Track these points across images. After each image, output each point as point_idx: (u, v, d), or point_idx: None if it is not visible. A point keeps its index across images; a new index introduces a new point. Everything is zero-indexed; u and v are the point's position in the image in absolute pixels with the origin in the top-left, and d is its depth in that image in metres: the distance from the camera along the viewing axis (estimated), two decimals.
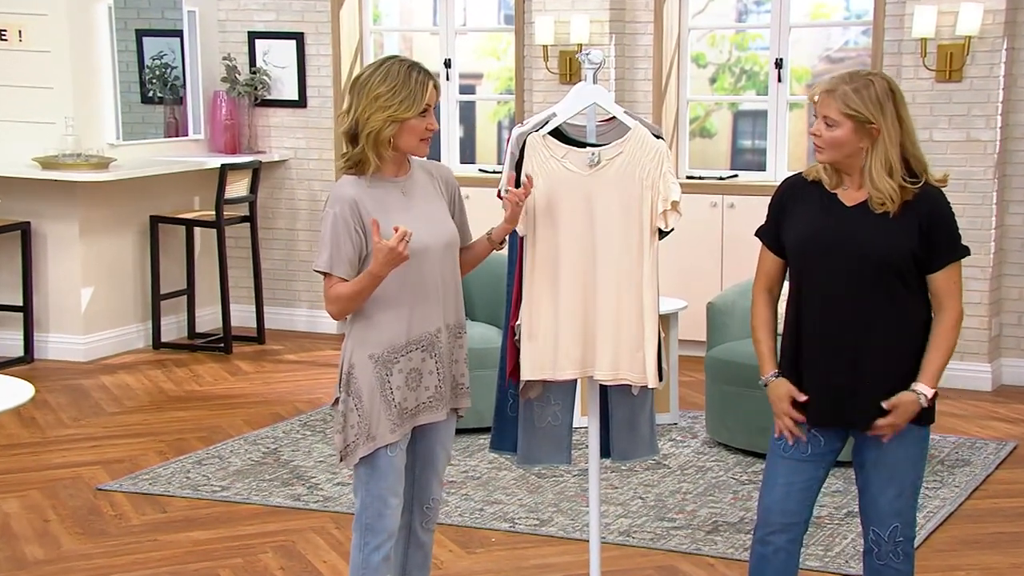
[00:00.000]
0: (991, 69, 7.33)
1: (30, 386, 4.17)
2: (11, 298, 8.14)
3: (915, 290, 3.61)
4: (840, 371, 3.61)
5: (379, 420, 3.67)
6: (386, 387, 3.67)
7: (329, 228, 3.62)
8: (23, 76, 8.09)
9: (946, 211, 3.60)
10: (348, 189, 3.64)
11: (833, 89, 3.52)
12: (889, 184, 3.53)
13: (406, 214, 3.66)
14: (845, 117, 3.51)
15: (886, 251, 3.55)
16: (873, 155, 3.53)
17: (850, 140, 3.53)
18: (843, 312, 3.59)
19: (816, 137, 3.57)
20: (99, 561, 5.05)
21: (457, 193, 3.87)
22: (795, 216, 3.68)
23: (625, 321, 3.97)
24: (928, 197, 3.57)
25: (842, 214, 3.60)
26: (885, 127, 3.51)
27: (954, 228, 3.61)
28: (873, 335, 3.58)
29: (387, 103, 3.58)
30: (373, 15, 9.22)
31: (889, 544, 3.68)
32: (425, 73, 3.64)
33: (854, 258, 3.57)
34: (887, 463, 3.65)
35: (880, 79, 3.55)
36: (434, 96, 3.65)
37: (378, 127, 3.59)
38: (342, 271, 3.62)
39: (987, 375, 7.54)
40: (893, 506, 3.67)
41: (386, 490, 3.72)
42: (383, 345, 3.67)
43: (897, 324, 3.59)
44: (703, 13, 8.71)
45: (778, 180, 8.06)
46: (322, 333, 9.03)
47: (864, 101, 3.50)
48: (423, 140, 3.66)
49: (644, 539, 5.21)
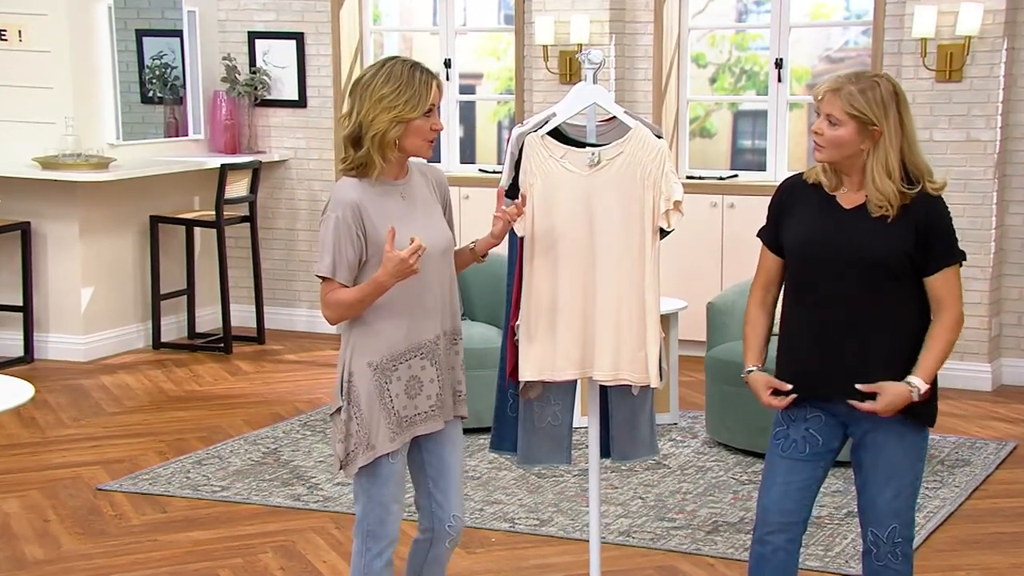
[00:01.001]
0: (991, 69, 7.33)
1: (30, 386, 4.17)
2: (11, 298, 8.14)
3: (911, 295, 3.61)
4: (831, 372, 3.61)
5: (378, 429, 3.63)
6: (385, 395, 3.63)
7: (331, 232, 3.56)
8: (23, 76, 8.09)
9: (943, 215, 3.60)
10: (350, 192, 3.58)
11: (839, 88, 3.52)
12: (890, 187, 3.53)
13: (407, 219, 3.61)
14: (849, 117, 3.51)
15: (882, 254, 3.55)
16: (874, 157, 3.53)
17: (852, 140, 3.53)
18: (838, 314, 3.60)
19: (817, 135, 3.56)
20: (99, 561, 5.05)
21: (448, 196, 3.82)
22: (794, 217, 3.68)
23: (626, 321, 3.97)
24: (925, 201, 3.57)
25: (840, 216, 3.60)
26: (887, 130, 3.51)
27: (951, 233, 3.61)
28: (866, 338, 3.58)
29: (392, 104, 3.52)
30: (373, 15, 9.22)
31: (888, 545, 3.68)
32: (428, 73, 3.59)
33: (850, 261, 3.57)
34: (885, 463, 3.65)
35: (886, 81, 3.55)
36: (438, 96, 3.60)
37: (383, 128, 3.53)
38: (343, 277, 3.57)
39: (987, 375, 7.54)
40: (891, 506, 3.66)
41: (388, 496, 3.69)
42: (381, 352, 3.62)
43: (891, 328, 3.59)
44: (703, 13, 8.71)
45: (778, 180, 8.06)
46: (322, 333, 9.02)
47: (869, 102, 3.50)
48: (428, 141, 3.61)
49: (644, 539, 5.21)
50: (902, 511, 3.67)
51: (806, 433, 3.69)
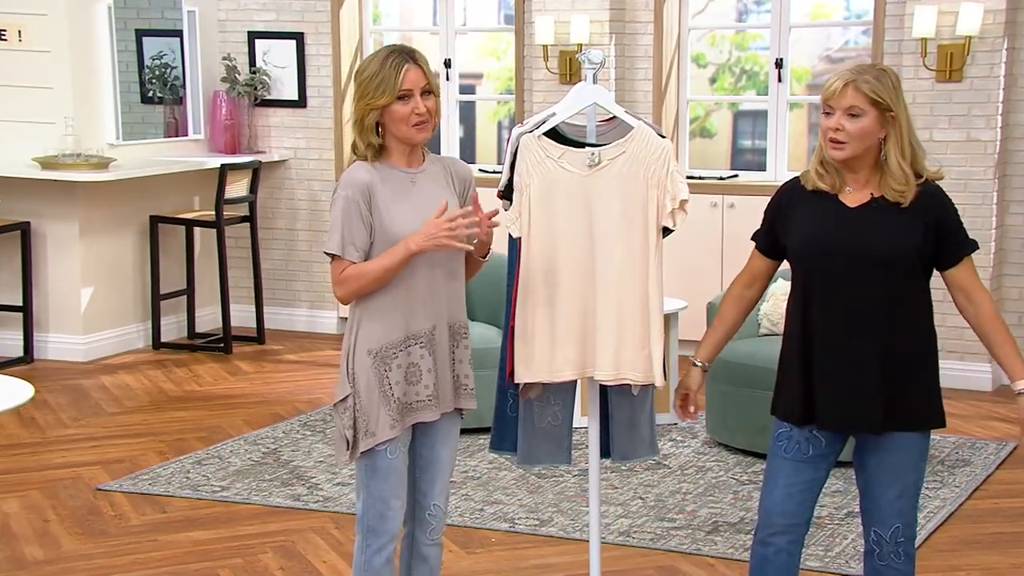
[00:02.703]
0: (991, 69, 7.33)
1: (30, 386, 4.17)
2: (11, 298, 8.14)
3: (920, 292, 3.61)
4: (847, 374, 3.59)
5: (378, 415, 3.64)
6: (384, 382, 3.64)
7: (340, 210, 3.59)
8: (23, 76, 8.09)
9: (949, 206, 3.62)
10: (361, 173, 3.61)
11: (855, 79, 3.53)
12: (908, 170, 3.54)
13: (412, 205, 3.62)
14: (871, 105, 3.52)
15: (889, 251, 3.55)
16: (891, 143, 3.56)
17: (874, 129, 3.54)
18: (849, 314, 3.58)
19: (837, 132, 3.53)
20: (99, 561, 5.05)
21: (470, 190, 3.79)
22: (796, 220, 3.66)
23: (628, 320, 3.96)
24: (929, 194, 3.58)
25: (845, 215, 3.60)
26: (901, 115, 3.55)
27: (960, 222, 3.63)
28: (879, 337, 3.58)
29: (364, 91, 3.58)
30: (373, 15, 9.22)
31: (891, 544, 3.68)
32: (402, 56, 3.57)
33: (858, 258, 3.56)
34: (889, 464, 3.65)
35: (890, 69, 3.62)
36: (416, 79, 3.57)
37: (361, 115, 3.61)
38: (353, 255, 3.59)
39: (987, 375, 7.53)
40: (895, 507, 3.66)
41: (387, 491, 3.70)
42: (381, 340, 3.64)
43: (902, 326, 3.59)
44: (703, 13, 8.71)
45: (778, 180, 8.12)
46: (322, 333, 9.03)
47: (886, 88, 3.54)
48: (414, 126, 3.59)
49: (644, 539, 5.21)
50: (905, 511, 3.67)
51: (809, 435, 3.68)
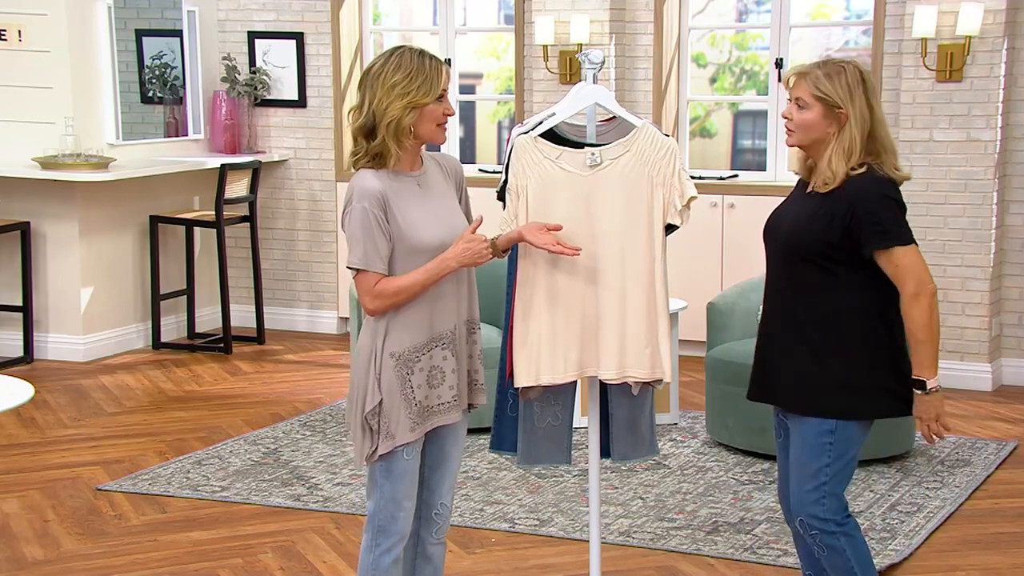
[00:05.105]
0: (991, 69, 7.33)
1: (30, 386, 4.17)
2: (11, 298, 8.14)
3: (840, 280, 3.65)
4: (762, 350, 3.82)
5: (399, 419, 3.64)
6: (406, 385, 3.64)
7: (359, 223, 3.56)
8: (23, 76, 8.09)
9: (871, 198, 3.60)
10: (373, 182, 3.59)
11: (806, 72, 3.64)
12: (843, 168, 3.60)
13: (425, 209, 3.64)
14: (815, 100, 3.62)
15: (794, 240, 3.68)
16: (837, 140, 3.62)
17: (819, 124, 3.62)
18: (771, 296, 3.78)
19: (787, 120, 3.69)
20: (99, 561, 5.05)
21: (463, 183, 3.84)
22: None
23: (631, 319, 3.95)
24: (853, 184, 3.62)
25: (794, 203, 3.77)
26: (853, 114, 3.60)
27: (882, 217, 3.59)
28: (791, 320, 3.70)
29: (405, 90, 3.55)
30: (373, 15, 9.22)
31: (806, 536, 3.78)
32: (437, 59, 3.64)
33: (775, 245, 3.76)
34: (793, 454, 3.77)
35: (852, 67, 3.65)
36: (447, 79, 3.65)
37: (398, 115, 3.55)
38: (379, 267, 3.58)
39: (987, 375, 7.53)
40: (796, 496, 3.76)
41: (401, 493, 3.70)
42: (405, 343, 3.63)
43: (811, 313, 3.67)
44: (703, 13, 8.71)
45: (778, 180, 8.17)
46: (322, 333, 9.03)
47: (835, 86, 3.60)
48: (440, 126, 3.64)
49: (644, 539, 5.21)
50: (806, 504, 3.72)
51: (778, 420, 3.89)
